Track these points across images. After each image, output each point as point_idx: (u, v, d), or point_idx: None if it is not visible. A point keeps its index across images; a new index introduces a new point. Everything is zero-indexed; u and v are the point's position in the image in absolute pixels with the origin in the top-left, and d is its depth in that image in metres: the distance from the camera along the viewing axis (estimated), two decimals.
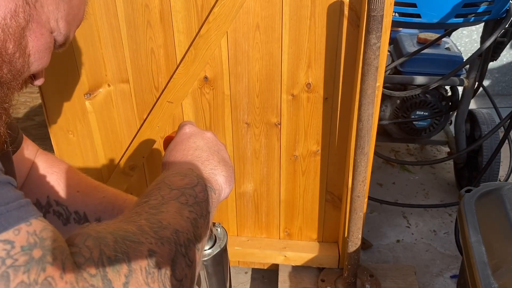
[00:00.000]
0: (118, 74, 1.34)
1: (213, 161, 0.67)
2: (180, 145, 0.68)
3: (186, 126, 0.72)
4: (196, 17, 1.23)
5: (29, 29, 0.57)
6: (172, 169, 0.64)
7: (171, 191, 0.57)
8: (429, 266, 1.82)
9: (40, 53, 0.61)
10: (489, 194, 1.16)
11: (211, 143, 0.70)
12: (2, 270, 0.38)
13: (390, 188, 2.27)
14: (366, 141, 1.24)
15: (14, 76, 0.58)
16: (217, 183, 0.65)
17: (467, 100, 1.96)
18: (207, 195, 0.61)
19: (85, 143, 1.47)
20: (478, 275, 0.97)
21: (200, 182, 0.61)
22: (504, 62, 3.08)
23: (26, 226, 0.41)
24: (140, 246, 0.47)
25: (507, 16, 1.70)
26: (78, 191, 0.84)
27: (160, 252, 0.48)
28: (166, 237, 0.50)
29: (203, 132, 0.71)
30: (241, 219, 1.61)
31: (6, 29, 0.55)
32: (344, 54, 1.25)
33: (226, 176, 0.67)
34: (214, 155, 0.68)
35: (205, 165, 0.66)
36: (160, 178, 0.61)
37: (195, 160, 0.66)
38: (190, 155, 0.67)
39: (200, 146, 0.68)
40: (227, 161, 0.70)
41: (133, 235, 0.48)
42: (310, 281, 1.59)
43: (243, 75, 1.31)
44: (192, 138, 0.70)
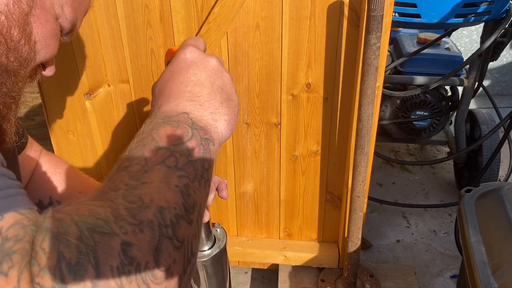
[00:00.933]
0: (118, 74, 1.35)
1: (215, 102, 0.57)
2: (178, 76, 0.58)
3: (187, 49, 0.60)
4: (196, 17, 1.23)
5: (33, 15, 0.56)
6: (164, 110, 0.55)
7: (158, 150, 0.49)
8: (429, 266, 1.82)
9: (46, 40, 0.59)
10: (489, 194, 1.16)
11: (215, 75, 0.58)
12: None
13: (390, 188, 2.27)
14: (366, 141, 1.24)
15: (21, 63, 0.56)
16: (217, 130, 0.56)
17: (467, 100, 1.96)
18: (203, 149, 0.52)
19: (85, 143, 1.47)
20: (478, 275, 0.97)
21: (195, 133, 0.52)
22: (504, 62, 3.08)
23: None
24: (111, 239, 0.39)
25: (507, 16, 1.70)
26: (80, 192, 0.84)
27: (137, 243, 0.40)
28: (147, 220, 0.42)
29: (207, 60, 0.59)
30: (241, 219, 1.61)
31: (10, 15, 0.54)
32: (344, 54, 1.25)
33: (228, 120, 0.57)
34: (216, 92, 0.57)
35: (205, 106, 0.56)
36: (148, 128, 0.52)
37: (194, 99, 0.56)
38: (188, 91, 0.56)
39: (201, 80, 0.57)
40: (232, 97, 0.59)
41: (104, 223, 0.40)
42: (310, 281, 1.59)
43: (243, 75, 1.31)
44: (193, 68, 0.58)
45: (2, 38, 0.53)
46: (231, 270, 1.80)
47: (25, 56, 0.57)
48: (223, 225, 1.15)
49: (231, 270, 1.80)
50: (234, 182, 1.52)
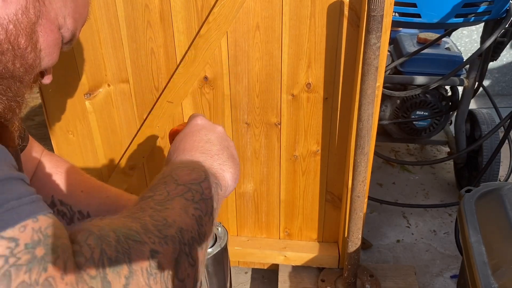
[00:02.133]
0: (118, 74, 1.35)
1: (223, 156, 0.66)
2: (191, 136, 0.68)
3: (198, 117, 0.71)
4: (196, 17, 1.23)
5: (40, 25, 0.59)
6: (180, 159, 0.64)
7: (177, 186, 0.56)
8: (429, 266, 1.82)
9: (50, 49, 0.62)
10: (489, 194, 1.16)
11: (221, 138, 0.69)
12: (5, 269, 0.37)
13: (390, 188, 2.27)
14: (366, 141, 1.24)
15: (27, 70, 0.59)
16: (224, 179, 0.64)
17: (467, 100, 1.96)
18: (213, 192, 0.59)
19: (85, 143, 1.47)
20: (478, 275, 0.97)
21: (207, 177, 0.60)
22: (504, 62, 3.08)
23: (32, 222, 0.41)
24: (142, 246, 0.46)
25: (507, 16, 1.70)
26: (82, 191, 0.85)
27: (163, 252, 0.47)
28: (171, 236, 0.49)
29: (215, 126, 0.71)
30: (241, 219, 1.61)
31: (18, 24, 0.56)
32: (344, 54, 1.25)
33: (233, 173, 0.66)
34: (224, 150, 0.67)
35: (214, 159, 0.65)
36: (167, 170, 0.60)
37: (205, 152, 0.65)
38: (200, 147, 0.66)
39: (211, 140, 0.67)
40: (235, 158, 0.69)
41: (136, 233, 0.47)
42: (310, 281, 1.59)
43: (243, 75, 1.31)
44: (204, 130, 0.69)
45: (10, 45, 0.56)
46: (232, 270, 1.80)
47: (30, 63, 0.59)
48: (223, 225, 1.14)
49: (231, 270, 1.80)
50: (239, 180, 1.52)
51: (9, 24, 0.56)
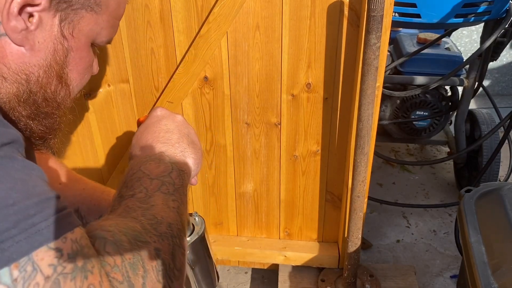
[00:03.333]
0: (118, 74, 1.35)
1: (183, 143, 0.69)
2: (151, 127, 0.71)
3: (157, 109, 0.74)
4: (196, 17, 1.23)
5: (69, 60, 0.60)
6: (144, 152, 0.67)
7: (152, 181, 0.60)
8: (429, 266, 1.82)
9: (81, 75, 0.64)
10: (489, 194, 1.16)
11: (181, 126, 0.72)
12: (54, 277, 0.42)
13: (390, 188, 2.27)
14: (366, 141, 1.24)
15: (59, 105, 0.62)
16: (187, 166, 0.68)
17: (467, 100, 1.96)
18: (182, 179, 0.64)
19: (85, 143, 1.47)
20: (478, 275, 0.97)
21: (174, 167, 0.64)
22: (504, 62, 3.08)
23: (70, 234, 0.45)
24: (148, 246, 0.51)
25: (507, 16, 1.70)
26: (60, 183, 0.88)
27: (163, 249, 0.52)
28: (164, 232, 0.54)
29: (174, 115, 0.73)
30: (241, 219, 1.61)
31: (48, 70, 0.57)
32: (344, 54, 1.25)
33: (195, 158, 0.70)
34: (183, 137, 0.70)
35: (176, 147, 0.68)
36: (136, 165, 0.63)
37: (166, 142, 0.68)
38: (161, 137, 0.69)
39: (171, 129, 0.70)
40: (196, 143, 0.72)
41: (140, 234, 0.51)
42: (310, 281, 1.59)
43: (243, 75, 1.31)
44: (163, 120, 0.71)
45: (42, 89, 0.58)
46: (231, 270, 1.80)
47: (62, 97, 0.61)
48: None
49: (231, 270, 1.80)
50: (234, 182, 1.52)
51: (40, 70, 0.57)
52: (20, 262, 0.41)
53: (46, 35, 0.56)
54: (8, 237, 0.41)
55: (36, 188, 0.45)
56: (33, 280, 0.41)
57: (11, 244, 0.41)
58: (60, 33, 0.57)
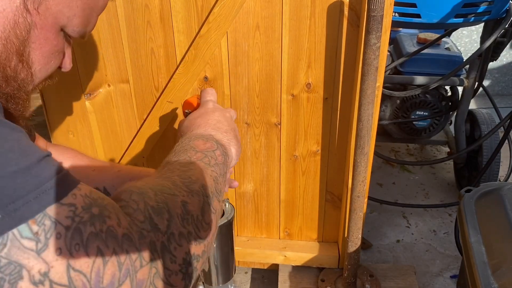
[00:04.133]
0: (118, 74, 1.35)
1: (230, 135, 0.78)
2: (205, 116, 0.80)
3: (211, 103, 0.84)
4: (196, 17, 1.23)
5: (31, 37, 0.55)
6: (196, 132, 0.75)
7: (196, 153, 0.67)
8: (429, 266, 1.82)
9: (46, 59, 0.59)
10: (489, 194, 1.16)
11: (230, 120, 0.82)
12: (74, 226, 0.45)
13: (390, 188, 2.27)
14: (366, 141, 1.24)
15: (20, 86, 0.58)
16: (231, 151, 0.76)
17: (467, 100, 1.96)
18: (224, 159, 0.71)
19: (85, 143, 1.47)
20: (478, 275, 0.97)
21: (219, 147, 0.72)
22: (504, 62, 3.08)
23: (77, 190, 0.47)
24: (175, 197, 0.56)
25: (507, 16, 1.70)
26: (93, 170, 0.91)
27: (191, 202, 0.57)
28: (196, 190, 0.59)
29: (225, 110, 0.83)
30: (241, 219, 1.61)
31: (7, 43, 0.53)
32: (344, 54, 1.25)
33: (237, 149, 0.78)
34: (231, 130, 0.79)
35: (224, 135, 0.77)
36: (186, 140, 0.71)
37: (216, 129, 0.77)
38: (213, 124, 0.78)
39: (222, 121, 0.79)
40: (239, 139, 0.81)
41: (168, 189, 0.56)
42: (310, 281, 1.59)
43: (243, 75, 1.31)
44: (217, 112, 0.81)
45: (1, 66, 0.54)
46: None
47: (22, 78, 0.58)
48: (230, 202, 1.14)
49: None
50: None
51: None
52: (36, 218, 0.42)
53: (5, 4, 0.52)
54: (19, 197, 0.42)
55: (31, 148, 0.46)
56: (55, 231, 0.43)
57: (23, 204, 0.42)
58: (22, 5, 0.53)
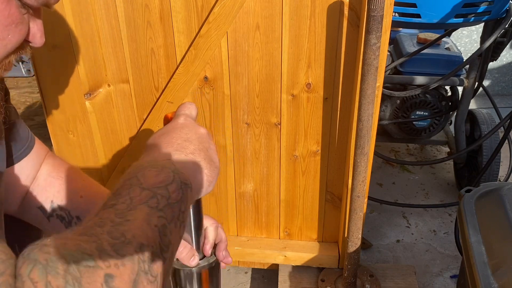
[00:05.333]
0: (118, 74, 1.35)
1: (199, 156, 0.62)
2: (171, 132, 0.64)
3: (182, 117, 0.68)
4: (196, 17, 1.24)
5: None
6: (152, 156, 0.60)
7: (142, 191, 0.52)
8: (429, 266, 1.82)
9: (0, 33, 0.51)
10: (489, 194, 1.16)
11: (202, 139, 0.65)
12: None
13: (390, 188, 2.27)
14: (366, 141, 1.24)
15: None
16: (196, 180, 0.60)
17: (467, 100, 1.96)
18: (181, 194, 0.56)
19: (85, 143, 1.47)
20: (478, 275, 0.97)
21: (176, 178, 0.56)
22: (504, 62, 3.08)
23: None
24: (95, 271, 0.43)
25: (507, 16, 1.70)
26: (82, 196, 0.84)
27: (119, 275, 0.44)
28: (129, 255, 0.46)
29: (198, 127, 0.67)
30: (241, 219, 1.61)
31: None
32: (344, 54, 1.25)
33: (208, 175, 0.62)
34: (201, 151, 0.63)
35: (189, 158, 0.61)
36: (134, 170, 0.56)
37: (180, 150, 0.61)
38: (177, 144, 0.62)
39: (190, 139, 0.63)
40: (214, 161, 0.65)
41: (89, 257, 0.43)
42: (310, 281, 1.59)
43: (243, 75, 1.31)
44: (186, 129, 0.65)
45: None
46: (231, 270, 1.80)
47: None
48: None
49: (231, 270, 1.80)
50: (234, 182, 1.52)
51: None
52: None
53: None
54: None
55: None
56: None
57: None
58: None
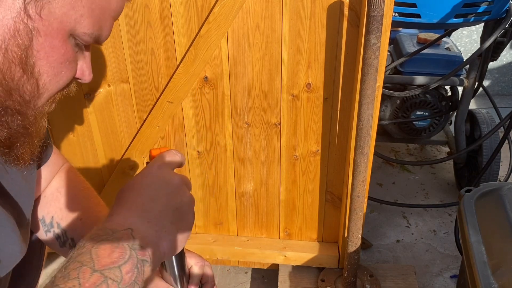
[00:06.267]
0: (118, 74, 1.35)
1: (165, 220, 0.58)
2: (139, 188, 0.60)
3: (157, 165, 0.62)
4: (196, 17, 1.24)
5: (35, 46, 0.50)
6: (114, 220, 0.56)
7: (92, 273, 0.49)
8: (429, 266, 1.82)
9: (54, 69, 0.53)
10: (489, 194, 1.16)
11: (174, 194, 0.60)
12: None
13: (390, 188, 2.27)
14: (366, 141, 1.24)
15: (25, 101, 0.52)
16: (158, 249, 0.57)
17: (467, 100, 1.96)
18: (137, 272, 0.53)
19: (85, 143, 1.47)
20: (478, 275, 0.97)
21: (133, 256, 0.53)
22: (504, 62, 3.08)
23: None
24: None
25: (507, 16, 1.70)
26: (81, 219, 0.82)
27: None
28: None
29: (171, 177, 0.61)
30: (241, 219, 1.61)
31: (7, 53, 0.48)
32: (344, 54, 1.25)
33: (172, 240, 0.59)
34: (169, 211, 0.59)
35: (152, 224, 0.57)
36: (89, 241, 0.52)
37: (143, 214, 0.57)
38: (141, 205, 0.58)
39: (158, 197, 0.59)
40: (185, 218, 0.61)
41: None
42: (310, 281, 1.59)
43: (243, 75, 1.31)
44: (155, 184, 0.60)
45: (2, 77, 0.49)
46: (231, 270, 1.80)
47: (30, 91, 0.52)
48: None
49: (231, 270, 1.80)
50: (234, 182, 1.52)
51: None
52: None
53: (4, 11, 0.47)
54: None
55: None
56: None
57: None
58: (23, 10, 0.48)
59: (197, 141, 1.45)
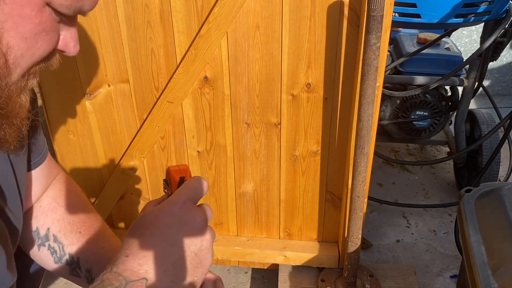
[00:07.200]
0: (118, 74, 1.35)
1: (180, 268, 0.55)
2: (160, 227, 0.56)
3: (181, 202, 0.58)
4: (196, 17, 1.24)
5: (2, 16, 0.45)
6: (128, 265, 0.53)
7: None
8: (429, 266, 1.82)
9: (27, 41, 0.48)
10: (489, 194, 1.16)
11: (195, 238, 0.57)
12: None
13: (390, 188, 2.27)
14: (366, 141, 1.24)
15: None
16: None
17: (467, 100, 1.96)
18: None
19: (85, 143, 1.47)
20: (478, 275, 0.97)
21: None
22: (504, 62, 3.08)
23: None
24: None
25: (507, 16, 1.70)
26: (80, 232, 0.78)
27: None
28: None
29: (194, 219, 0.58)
30: (241, 219, 1.61)
31: None
32: (344, 54, 1.25)
33: (189, 285, 0.56)
34: (188, 258, 0.56)
35: (168, 273, 0.54)
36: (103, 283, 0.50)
37: (161, 261, 0.54)
38: (160, 249, 0.54)
39: (178, 242, 0.55)
40: (203, 263, 0.58)
41: None
42: (310, 281, 1.59)
43: (243, 75, 1.31)
44: (176, 226, 0.56)
45: None
46: (231, 270, 1.80)
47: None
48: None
49: (231, 270, 1.80)
50: (234, 182, 1.52)
51: None
52: None
53: None
54: None
55: None
56: None
57: None
58: None
59: (197, 141, 1.45)
